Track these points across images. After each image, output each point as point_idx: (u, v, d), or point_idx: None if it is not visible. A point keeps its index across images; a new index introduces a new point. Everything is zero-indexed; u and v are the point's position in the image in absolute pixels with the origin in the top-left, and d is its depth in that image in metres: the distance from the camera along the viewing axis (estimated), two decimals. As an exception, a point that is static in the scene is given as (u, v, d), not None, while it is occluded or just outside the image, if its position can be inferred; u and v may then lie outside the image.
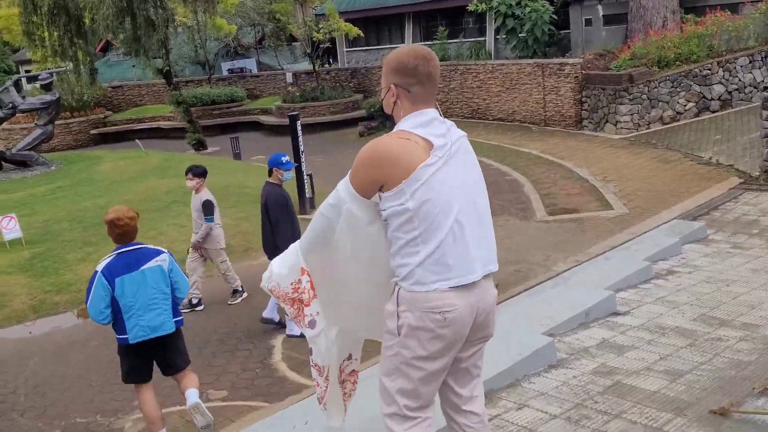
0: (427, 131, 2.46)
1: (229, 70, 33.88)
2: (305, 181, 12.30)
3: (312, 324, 2.91)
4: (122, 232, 4.60)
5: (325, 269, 2.81)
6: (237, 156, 19.23)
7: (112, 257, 4.58)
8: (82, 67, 22.85)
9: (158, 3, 21.16)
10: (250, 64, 35.78)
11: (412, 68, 2.49)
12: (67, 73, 24.24)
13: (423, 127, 2.47)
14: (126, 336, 4.56)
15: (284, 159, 6.65)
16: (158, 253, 4.70)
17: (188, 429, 5.24)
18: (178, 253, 9.32)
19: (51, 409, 5.81)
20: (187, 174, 7.90)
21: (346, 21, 25.50)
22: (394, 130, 2.54)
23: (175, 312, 4.75)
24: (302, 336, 6.47)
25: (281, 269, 2.92)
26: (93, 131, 26.54)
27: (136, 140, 19.46)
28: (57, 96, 17.95)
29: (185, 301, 7.44)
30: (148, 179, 14.93)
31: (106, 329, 4.90)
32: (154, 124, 26.88)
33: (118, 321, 4.59)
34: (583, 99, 17.88)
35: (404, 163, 2.39)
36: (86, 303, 4.58)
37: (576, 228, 9.90)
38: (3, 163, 17.25)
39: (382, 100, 2.63)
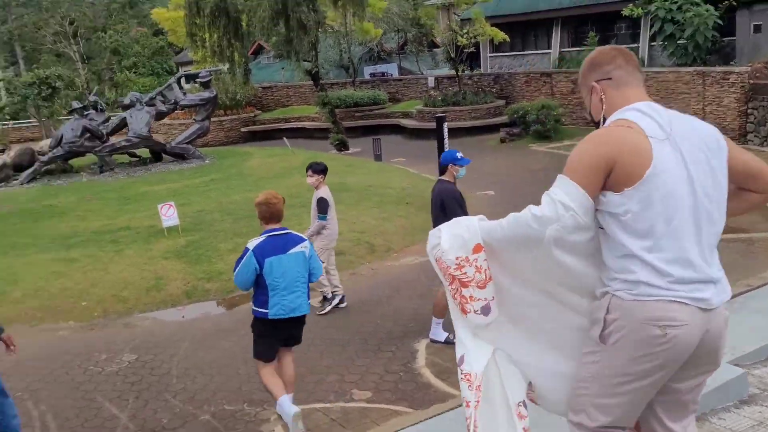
0: (647, 121, 2.15)
1: (371, 74, 34.47)
2: (448, 184, 12.08)
3: (486, 310, 2.56)
4: (271, 212, 5.03)
5: (505, 270, 2.53)
6: (378, 157, 19.38)
7: (262, 239, 4.96)
8: (237, 67, 24.00)
9: (311, 6, 21.81)
10: (391, 69, 36.25)
11: (608, 56, 2.35)
12: (223, 73, 25.51)
13: (641, 115, 2.17)
14: (266, 311, 4.95)
15: (459, 155, 6.46)
16: (302, 240, 5.15)
17: (332, 427, 5.16)
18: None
19: (200, 394, 5.95)
20: (307, 171, 7.85)
21: (491, 26, 25.12)
22: (608, 122, 2.25)
23: (308, 295, 5.18)
24: (446, 342, 6.41)
25: (449, 240, 2.60)
26: (243, 129, 27.81)
27: (284, 138, 20.11)
28: (214, 94, 18.90)
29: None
30: (293, 176, 15.32)
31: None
32: (300, 124, 27.75)
33: (259, 296, 4.99)
34: (750, 111, 16.46)
35: (635, 150, 2.10)
36: (233, 272, 5.00)
37: (745, 249, 9.02)
38: (163, 154, 18.37)
39: (589, 112, 2.42)
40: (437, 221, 6.39)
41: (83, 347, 7.32)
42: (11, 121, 31.13)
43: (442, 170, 6.55)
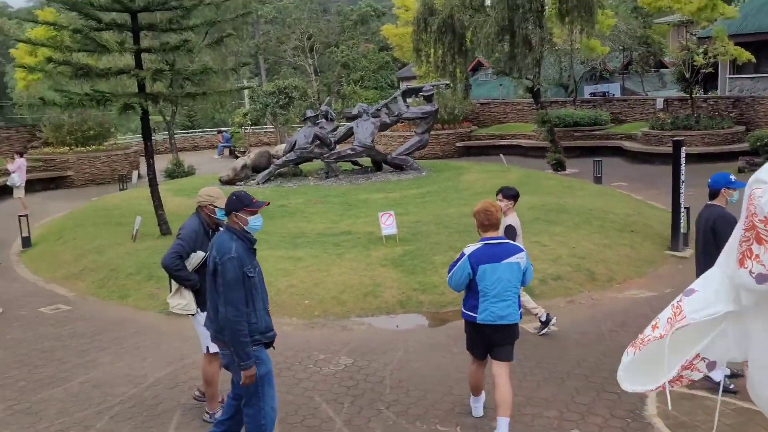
0: None
1: (591, 93, 33.16)
2: (681, 214, 11.09)
3: (762, 279, 2.37)
4: (489, 221, 5.19)
5: None
6: (598, 180, 18.46)
7: (479, 246, 5.19)
8: (458, 83, 24.31)
9: (537, 23, 21.45)
10: (613, 89, 34.61)
11: None
12: (444, 88, 25.92)
13: None
14: (475, 316, 5.18)
15: (732, 178, 5.96)
16: (519, 250, 5.26)
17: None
18: (537, 271, 9.03)
19: (413, 409, 5.90)
20: (497, 195, 7.47)
21: (735, 44, 22.90)
22: None
23: (519, 305, 5.28)
24: (724, 389, 5.63)
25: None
26: (459, 143, 28.07)
27: (501, 155, 19.91)
28: (436, 108, 19.24)
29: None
30: (508, 194, 15.08)
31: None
32: (515, 142, 27.38)
33: (470, 300, 5.24)
34: None
35: None
36: (448, 274, 5.34)
37: None
38: (383, 164, 19.02)
39: None
40: (706, 248, 5.84)
41: (304, 345, 7.66)
42: (252, 127, 34.30)
43: (713, 194, 6.04)
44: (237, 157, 26.58)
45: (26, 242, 13.29)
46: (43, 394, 6.49)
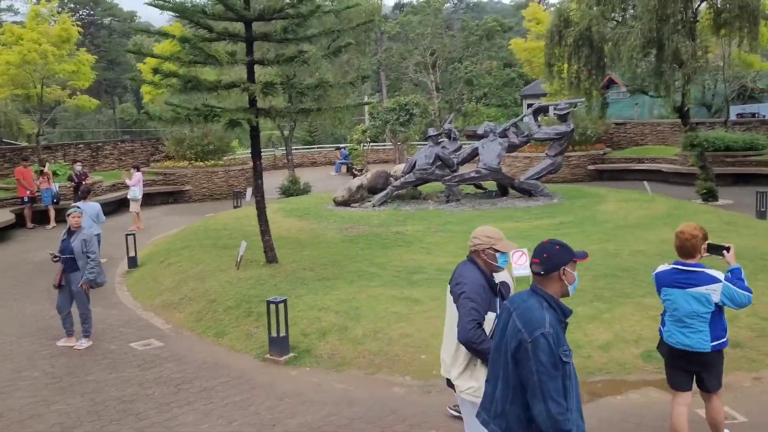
0: None
1: (738, 114, 29.93)
2: None
3: None
4: (680, 244, 5.04)
5: None
6: (761, 214, 15.90)
7: (668, 267, 5.13)
8: (594, 101, 22.24)
9: (689, 34, 19.10)
10: (764, 109, 31.11)
11: None
12: (579, 106, 23.90)
13: None
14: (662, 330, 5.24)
15: None
16: (714, 281, 4.89)
17: None
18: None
19: None
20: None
21: None
22: None
23: (717, 335, 4.98)
24: None
25: None
26: (590, 167, 25.87)
27: (644, 182, 17.71)
28: (571, 128, 17.40)
29: None
30: (657, 227, 13.04)
31: None
32: (655, 166, 24.85)
33: (663, 314, 5.28)
34: None
35: None
36: None
37: None
38: (510, 189, 17.40)
39: None
40: None
41: (418, 415, 6.24)
42: (371, 144, 33.55)
43: None
44: (354, 175, 25.74)
45: (132, 262, 12.77)
46: (109, 462, 5.47)
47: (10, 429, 6.13)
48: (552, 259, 3.47)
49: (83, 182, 18.10)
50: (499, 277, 5.78)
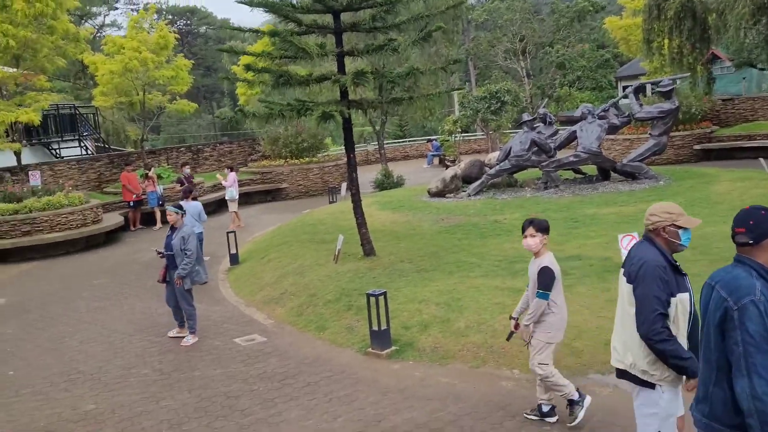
0: None
1: None
2: None
3: None
4: None
5: None
6: None
7: None
8: (698, 76, 20.95)
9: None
10: None
11: None
12: (682, 82, 22.61)
13: None
14: None
15: None
16: None
17: None
18: None
19: None
20: (527, 227, 5.49)
21: None
22: None
23: None
24: None
25: None
26: (696, 146, 24.38)
27: (760, 159, 16.46)
28: (676, 105, 16.37)
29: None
30: (779, 208, 12.04)
31: None
32: (767, 143, 23.14)
33: None
34: None
35: None
36: None
37: None
38: (611, 173, 16.62)
39: None
40: None
41: (526, 408, 5.92)
42: (462, 134, 33.09)
43: None
44: (447, 167, 25.39)
45: (234, 259, 13.01)
46: (217, 458, 5.47)
47: (122, 425, 6.26)
48: (761, 225, 3.10)
49: (190, 180, 18.69)
50: (542, 263, 5.40)
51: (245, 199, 21.82)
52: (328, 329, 8.57)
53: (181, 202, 12.23)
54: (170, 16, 66.79)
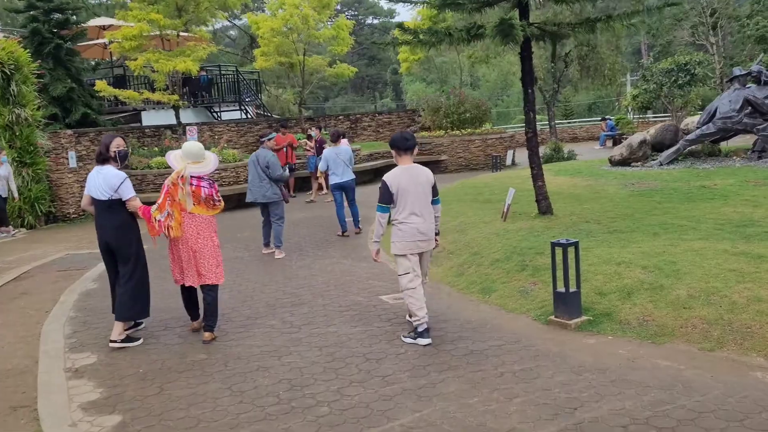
0: None
1: None
2: None
3: None
4: None
5: None
6: None
7: None
8: None
9: None
10: None
11: None
12: None
13: None
14: None
15: None
16: None
17: None
18: None
19: None
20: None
21: None
22: None
23: None
24: None
25: None
26: None
27: None
28: None
29: None
30: None
31: None
32: None
33: None
34: None
35: None
36: None
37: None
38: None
39: None
40: None
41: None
42: (640, 116, 29.71)
43: None
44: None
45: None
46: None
47: (232, 380, 4.93)
48: None
49: (322, 147, 17.67)
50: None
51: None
52: (495, 292, 6.82)
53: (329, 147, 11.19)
54: (338, 6, 67.55)
